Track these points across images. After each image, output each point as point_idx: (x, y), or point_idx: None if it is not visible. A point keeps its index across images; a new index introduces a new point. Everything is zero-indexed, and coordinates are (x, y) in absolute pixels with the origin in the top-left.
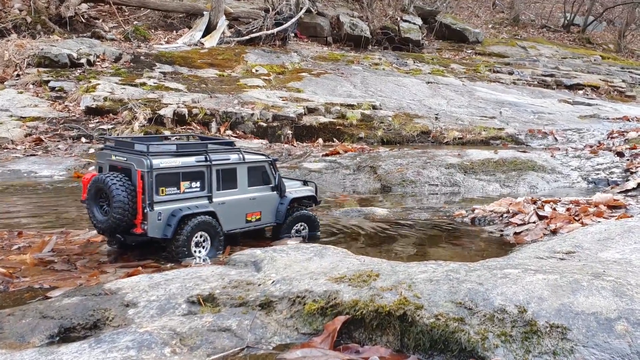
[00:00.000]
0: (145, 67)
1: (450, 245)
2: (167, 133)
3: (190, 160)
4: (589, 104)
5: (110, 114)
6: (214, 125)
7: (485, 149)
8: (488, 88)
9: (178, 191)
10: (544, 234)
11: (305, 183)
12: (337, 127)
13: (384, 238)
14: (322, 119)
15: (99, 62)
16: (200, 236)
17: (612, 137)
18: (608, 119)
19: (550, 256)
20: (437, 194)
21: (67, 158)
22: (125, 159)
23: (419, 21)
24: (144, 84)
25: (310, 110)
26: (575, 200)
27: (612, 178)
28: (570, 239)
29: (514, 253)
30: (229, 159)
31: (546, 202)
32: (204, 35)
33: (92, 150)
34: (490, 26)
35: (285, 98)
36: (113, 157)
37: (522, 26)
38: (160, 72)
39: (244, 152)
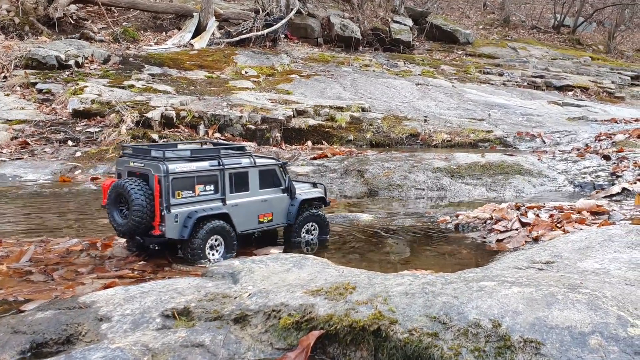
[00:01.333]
0: (134, 69)
1: (433, 253)
2: (155, 136)
3: (204, 164)
4: (578, 106)
5: (98, 117)
6: (202, 127)
7: (473, 152)
8: (478, 90)
9: (193, 194)
10: (526, 242)
11: (314, 185)
12: (326, 129)
13: (367, 246)
14: (311, 122)
15: (87, 63)
16: (215, 240)
17: (599, 140)
18: (596, 121)
19: (529, 266)
20: (423, 198)
21: (54, 162)
22: (142, 164)
23: (409, 22)
24: (132, 86)
25: (300, 113)
26: (559, 206)
27: (598, 182)
28: (550, 248)
29: (493, 263)
30: (240, 163)
31: (530, 207)
32: (193, 37)
33: (78, 154)
34: (481, 27)
35: (275, 100)
36: (131, 164)
37: (512, 27)
38: (149, 73)
39: (256, 156)
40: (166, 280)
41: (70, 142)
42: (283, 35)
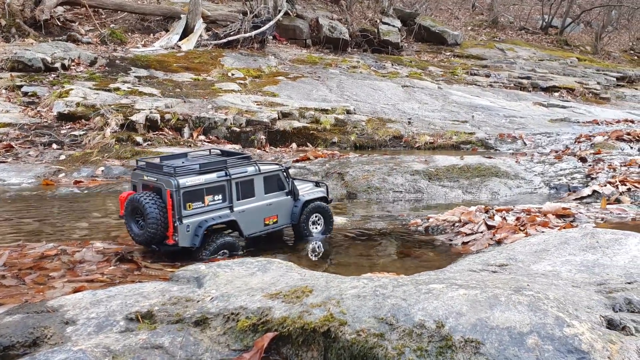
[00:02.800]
0: (120, 72)
1: (400, 256)
2: (139, 139)
3: (212, 176)
4: (563, 107)
5: (83, 120)
6: (186, 130)
7: (453, 154)
8: (463, 91)
9: (203, 205)
10: (489, 244)
11: (317, 184)
12: (311, 131)
13: (336, 249)
14: (296, 124)
15: (73, 66)
16: (223, 252)
17: (579, 142)
18: (578, 122)
19: (483, 269)
20: (401, 200)
21: (38, 165)
22: (155, 179)
23: (398, 24)
24: (117, 88)
25: (285, 115)
26: (527, 208)
27: (573, 184)
28: (507, 251)
29: (450, 266)
30: (246, 172)
31: (499, 210)
32: (181, 39)
33: (62, 157)
34: (469, 28)
35: (260, 102)
36: (145, 177)
37: (500, 28)
38: (135, 76)
39: (260, 163)
40: (133, 285)
41: (54, 146)
42: (271, 37)
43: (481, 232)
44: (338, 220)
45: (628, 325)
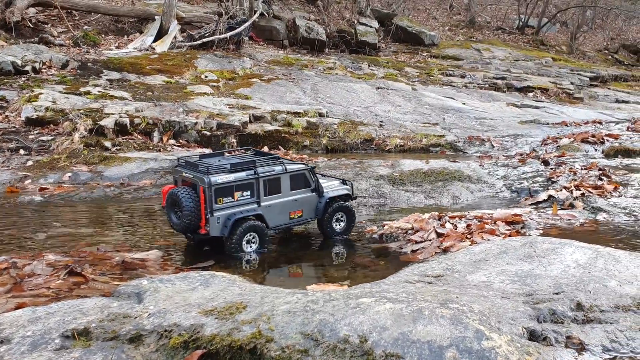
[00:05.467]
0: (92, 74)
1: (350, 265)
2: (108, 144)
3: (242, 175)
4: (537, 107)
5: (51, 125)
6: (156, 134)
7: (425, 157)
8: (438, 93)
9: (232, 200)
10: (436, 252)
11: (343, 182)
12: (283, 135)
13: (288, 258)
14: (268, 127)
15: (45, 69)
16: (251, 235)
17: (545, 144)
18: (548, 124)
19: (420, 280)
20: (365, 205)
21: (4, 171)
22: (192, 176)
23: (375, 24)
24: (88, 92)
25: (257, 118)
26: (479, 215)
27: (534, 187)
28: (447, 261)
29: (390, 277)
30: (273, 171)
31: (452, 217)
32: (155, 40)
33: (30, 163)
34: (447, 28)
35: (232, 105)
36: (183, 174)
37: (478, 28)
38: (107, 79)
39: (288, 163)
40: (74, 301)
41: (22, 151)
42: (247, 38)
43: (430, 240)
44: (295, 227)
45: (549, 336)
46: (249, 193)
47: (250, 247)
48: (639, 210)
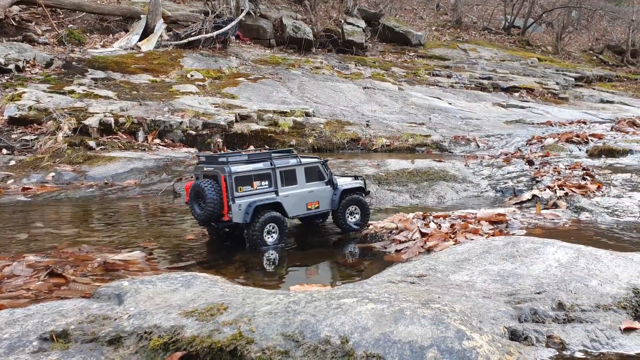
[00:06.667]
0: (77, 73)
1: (334, 265)
2: (92, 144)
3: (259, 165)
4: (522, 107)
5: (35, 124)
6: (141, 134)
7: (406, 157)
8: (424, 92)
9: (252, 188)
10: (420, 252)
11: (355, 178)
12: (269, 134)
13: (272, 259)
14: (254, 127)
15: (28, 67)
16: (271, 226)
17: (530, 144)
18: (533, 124)
19: (403, 280)
20: None
21: None
22: (213, 168)
23: (362, 24)
24: (72, 91)
25: (243, 118)
26: (464, 214)
27: (518, 187)
28: (430, 261)
29: (373, 276)
30: (289, 163)
31: (436, 217)
32: (141, 39)
33: (12, 163)
34: (433, 28)
35: (218, 105)
36: (205, 168)
37: (464, 28)
38: (91, 78)
39: (302, 157)
40: (53, 302)
41: (4, 151)
42: (234, 37)
43: (414, 240)
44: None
45: (530, 336)
46: (267, 183)
47: (271, 237)
48: (621, 209)
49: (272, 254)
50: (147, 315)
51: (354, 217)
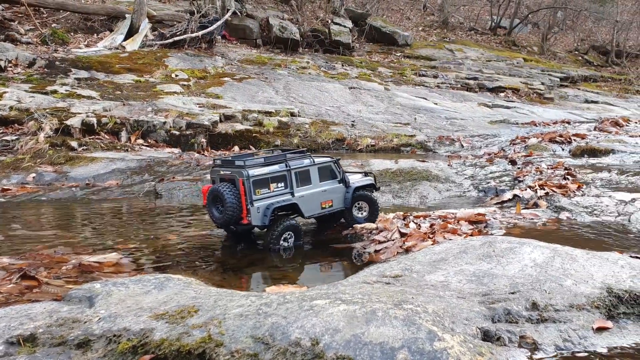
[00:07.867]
0: (60, 73)
1: (314, 266)
2: (74, 144)
3: (275, 167)
4: (507, 107)
5: (16, 124)
6: (124, 134)
7: (390, 157)
8: (410, 93)
9: (269, 191)
10: (398, 252)
11: (366, 174)
12: (254, 134)
13: (251, 260)
14: (239, 127)
15: (10, 67)
16: (288, 234)
17: (514, 144)
18: (517, 124)
19: (378, 280)
20: None
21: None
22: (230, 172)
23: (349, 24)
24: (55, 91)
25: (227, 118)
26: (443, 214)
27: (500, 187)
28: (406, 261)
29: (349, 277)
30: (303, 163)
31: (417, 217)
32: (126, 39)
33: None
34: (420, 29)
35: (202, 104)
36: (221, 172)
37: (451, 29)
38: (75, 78)
39: (314, 156)
40: (23, 305)
41: None
42: (220, 37)
43: (393, 240)
44: (257, 229)
45: (503, 336)
46: (282, 184)
47: (286, 243)
48: (600, 209)
49: (250, 255)
50: (117, 318)
51: (362, 213)
